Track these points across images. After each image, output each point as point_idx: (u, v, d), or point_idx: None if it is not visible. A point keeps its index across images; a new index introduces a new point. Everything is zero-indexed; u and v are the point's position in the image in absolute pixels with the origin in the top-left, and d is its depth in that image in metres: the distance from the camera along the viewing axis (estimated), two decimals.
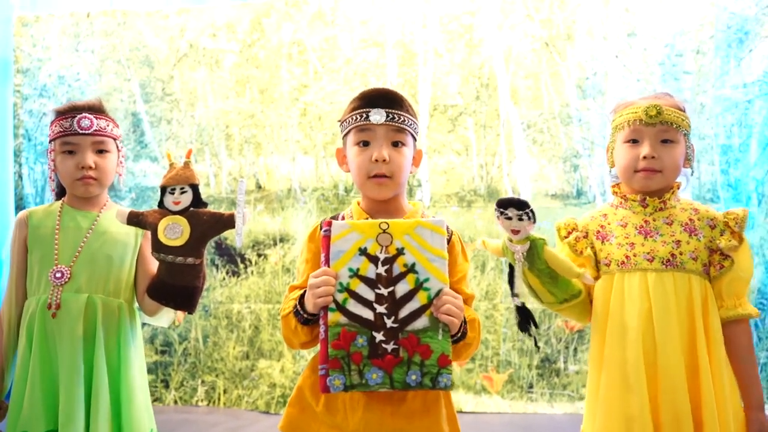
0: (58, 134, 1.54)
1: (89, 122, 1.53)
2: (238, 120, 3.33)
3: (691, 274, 1.38)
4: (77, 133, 1.52)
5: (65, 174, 1.54)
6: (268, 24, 3.30)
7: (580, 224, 1.51)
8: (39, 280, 1.52)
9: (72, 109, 1.55)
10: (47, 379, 1.46)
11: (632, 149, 1.43)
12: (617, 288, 1.41)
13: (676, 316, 1.35)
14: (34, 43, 3.40)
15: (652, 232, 1.42)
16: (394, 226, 1.20)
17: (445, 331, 1.17)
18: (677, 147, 1.43)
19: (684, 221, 1.42)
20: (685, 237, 1.40)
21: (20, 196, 3.39)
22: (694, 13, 3.07)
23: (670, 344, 1.33)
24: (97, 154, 1.54)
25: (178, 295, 1.48)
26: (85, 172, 1.52)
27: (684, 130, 1.44)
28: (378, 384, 1.14)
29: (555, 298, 1.41)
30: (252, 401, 3.22)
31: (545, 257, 1.30)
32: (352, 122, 1.34)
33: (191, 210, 1.43)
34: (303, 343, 1.27)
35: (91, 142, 1.54)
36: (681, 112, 1.45)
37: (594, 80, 3.17)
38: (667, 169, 1.42)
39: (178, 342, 3.31)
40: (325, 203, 3.28)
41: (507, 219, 1.25)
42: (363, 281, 1.18)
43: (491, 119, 3.21)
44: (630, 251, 1.41)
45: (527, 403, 3.12)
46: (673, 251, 1.39)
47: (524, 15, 3.20)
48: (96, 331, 1.49)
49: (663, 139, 1.42)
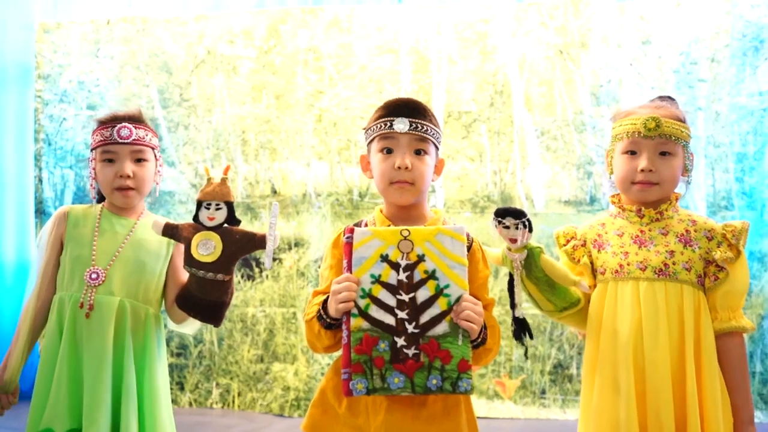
0: (99, 143, 1.57)
1: (128, 131, 1.56)
2: (254, 125, 3.37)
3: (683, 285, 1.38)
4: (116, 142, 1.55)
5: (104, 182, 1.57)
6: (284, 31, 3.35)
7: (578, 233, 1.52)
8: (72, 278, 1.54)
9: (113, 119, 1.59)
10: (73, 378, 1.49)
11: (630, 161, 1.43)
12: (611, 296, 1.41)
13: (666, 325, 1.35)
14: (55, 49, 3.47)
15: (646, 241, 1.42)
16: (415, 233, 1.23)
17: (465, 337, 1.19)
18: (675, 159, 1.42)
19: (680, 232, 1.42)
20: (680, 247, 1.40)
21: (40, 199, 3.45)
22: (710, 21, 3.09)
23: (658, 353, 1.34)
24: (135, 163, 1.57)
25: (206, 309, 1.52)
26: (123, 181, 1.55)
27: (683, 141, 1.43)
28: (400, 388, 1.17)
29: (554, 307, 1.42)
30: (266, 404, 3.25)
31: (542, 265, 1.33)
32: (377, 130, 1.37)
33: (225, 227, 1.46)
34: (326, 347, 1.30)
35: (130, 151, 1.56)
36: (680, 123, 1.43)
37: (608, 88, 3.18)
38: (665, 182, 1.42)
39: (194, 345, 3.35)
40: (340, 208, 3.31)
41: (505, 228, 1.29)
42: (385, 287, 1.20)
43: (505, 126, 3.24)
44: (624, 260, 1.42)
45: (540, 409, 3.13)
46: (666, 261, 1.39)
47: (538, 22, 3.22)
48: (125, 336, 1.51)
49: (661, 152, 1.41)
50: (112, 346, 1.50)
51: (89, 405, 1.46)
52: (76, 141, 3.45)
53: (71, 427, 1.47)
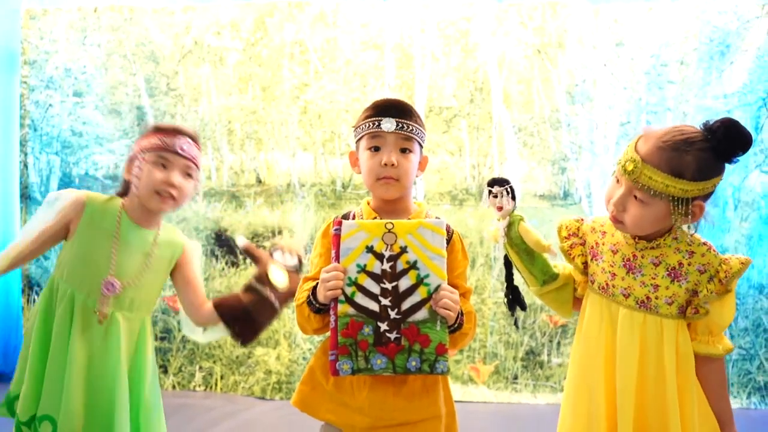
0: (157, 147, 1.61)
1: (188, 147, 1.64)
2: (240, 116, 3.44)
3: (663, 318, 1.37)
4: (177, 153, 1.61)
5: (149, 184, 1.61)
6: (271, 24, 3.41)
7: (582, 229, 1.52)
8: (84, 278, 1.59)
9: (176, 130, 1.66)
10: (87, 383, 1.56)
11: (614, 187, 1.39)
12: (594, 308, 1.46)
13: (640, 355, 1.36)
14: (41, 35, 3.48)
15: (635, 269, 1.40)
16: (398, 226, 1.33)
17: (442, 323, 1.30)
18: (650, 208, 1.33)
19: (672, 265, 1.37)
20: (666, 282, 1.37)
21: (25, 184, 3.48)
22: (680, 25, 3.22)
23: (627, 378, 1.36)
24: (183, 177, 1.64)
25: (249, 326, 1.64)
26: (170, 189, 1.61)
27: (665, 194, 1.30)
28: (382, 369, 1.28)
29: (536, 281, 1.50)
30: (248, 387, 3.35)
31: (519, 231, 1.43)
32: (365, 129, 1.46)
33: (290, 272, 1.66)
34: (315, 329, 1.40)
35: (184, 164, 1.63)
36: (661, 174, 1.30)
37: (583, 87, 3.31)
38: (633, 229, 1.38)
39: (177, 329, 3.43)
40: (323, 198, 3.41)
41: (494, 197, 1.42)
42: (369, 276, 1.31)
43: (484, 122, 3.35)
44: (611, 281, 1.43)
45: (512, 394, 3.28)
46: (649, 294, 1.38)
47: (518, 22, 3.33)
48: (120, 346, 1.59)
49: (634, 195, 1.34)
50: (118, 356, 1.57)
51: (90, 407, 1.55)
52: (62, 127, 3.48)
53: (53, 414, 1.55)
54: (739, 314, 3.20)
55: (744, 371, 3.21)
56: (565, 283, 1.52)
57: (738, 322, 3.21)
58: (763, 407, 3.18)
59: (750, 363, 3.20)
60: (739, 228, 3.20)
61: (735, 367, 3.20)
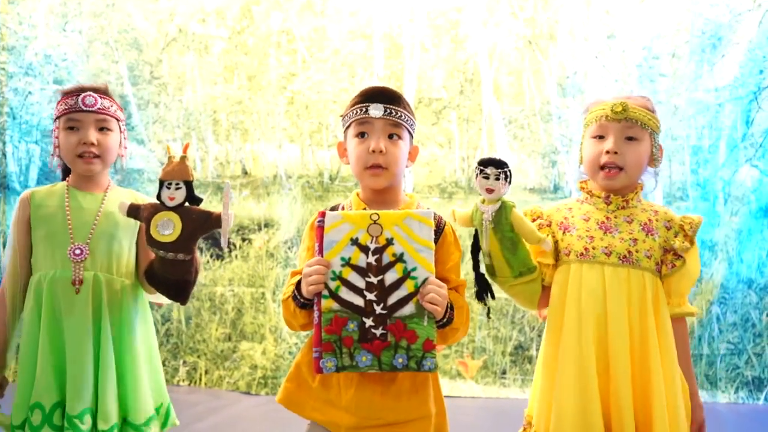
0: (63, 112, 1.57)
1: (93, 100, 1.56)
2: (226, 106, 3.37)
3: (644, 272, 1.43)
4: (81, 110, 1.55)
5: (67, 150, 1.57)
6: (257, 12, 3.34)
7: (545, 213, 1.55)
8: (45, 257, 1.55)
9: (79, 89, 1.59)
10: (57, 353, 1.51)
11: (597, 144, 1.47)
12: (574, 278, 1.45)
13: (628, 310, 1.40)
14: (20, 20, 3.39)
15: (611, 228, 1.47)
16: (384, 217, 1.28)
17: (430, 318, 1.25)
18: (641, 145, 1.46)
19: (643, 221, 1.47)
20: (642, 236, 1.45)
21: (3, 174, 3.40)
22: (671, 18, 3.20)
23: (621, 339, 1.39)
24: (99, 132, 1.57)
25: (171, 287, 1.54)
26: (86, 148, 1.55)
27: (650, 129, 1.46)
28: (367, 366, 1.23)
29: (511, 271, 1.43)
30: (233, 382, 3.30)
31: (512, 219, 1.36)
32: (353, 116, 1.41)
33: (184, 207, 1.46)
34: (302, 324, 1.35)
35: (94, 119, 1.56)
36: (648, 112, 1.47)
37: (574, 79, 3.27)
38: (629, 167, 1.45)
39: (161, 323, 3.37)
40: (310, 190, 3.35)
41: (485, 178, 1.32)
42: (354, 270, 1.25)
43: (474, 114, 3.31)
44: (589, 244, 1.46)
45: (500, 389, 3.26)
46: (630, 248, 1.44)
47: (509, 13, 3.28)
48: (102, 309, 1.53)
49: (627, 136, 1.45)
50: (92, 319, 1.52)
51: (72, 379, 1.49)
52: (42, 115, 3.40)
53: (58, 399, 1.50)
54: (728, 309, 3.20)
55: (732, 366, 3.20)
56: (539, 275, 1.50)
57: (726, 317, 3.20)
58: (751, 402, 3.17)
59: (738, 358, 3.20)
60: (729, 222, 3.19)
61: (723, 362, 3.19)
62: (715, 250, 3.21)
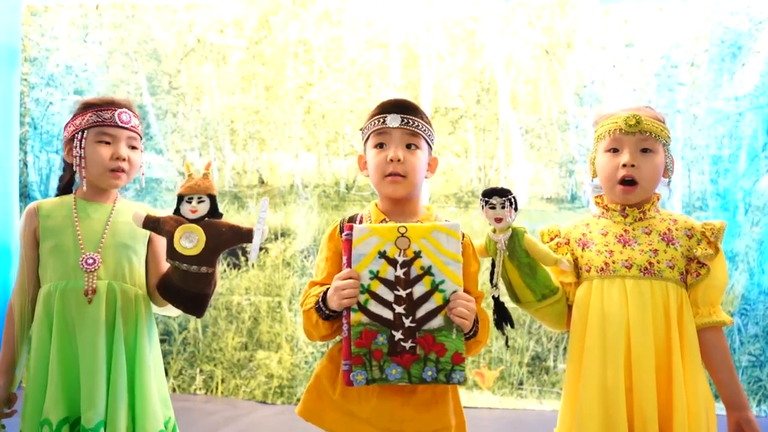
0: (95, 124, 1.56)
1: (128, 117, 1.58)
2: (243, 116, 3.39)
3: (668, 282, 1.41)
4: (116, 126, 1.56)
5: (98, 163, 1.56)
6: (275, 22, 3.36)
7: (563, 231, 1.54)
8: (55, 268, 1.54)
9: (110, 102, 1.60)
10: (67, 367, 1.50)
11: (612, 158, 1.46)
12: (596, 293, 1.43)
13: (652, 322, 1.38)
14: (42, 32, 3.43)
15: (630, 240, 1.45)
16: (411, 230, 1.28)
17: (458, 331, 1.25)
18: (656, 157, 1.45)
19: (662, 231, 1.45)
20: (663, 246, 1.43)
21: (25, 183, 3.44)
22: (690, 26, 3.18)
23: (645, 351, 1.37)
24: (130, 149, 1.59)
25: (189, 300, 1.53)
26: (119, 164, 1.56)
27: (663, 140, 1.46)
28: (397, 379, 1.23)
29: (533, 295, 1.44)
30: (249, 391, 3.30)
31: (525, 245, 1.36)
32: (371, 128, 1.43)
33: (207, 220, 1.46)
34: (323, 336, 1.35)
35: (127, 136, 1.58)
36: (660, 123, 1.46)
37: (591, 88, 3.26)
38: (645, 180, 1.44)
39: (178, 331, 3.38)
40: (326, 200, 3.36)
41: (491, 208, 1.33)
42: (383, 283, 1.25)
43: (491, 123, 3.30)
44: (609, 258, 1.44)
45: (517, 400, 3.23)
46: (651, 260, 1.42)
47: (526, 22, 3.28)
48: (115, 319, 1.53)
49: (643, 149, 1.44)
50: (105, 329, 1.51)
51: (87, 390, 1.48)
52: (63, 126, 3.42)
53: (66, 415, 1.49)
54: (749, 320, 3.16)
55: (754, 378, 3.16)
56: (563, 295, 1.50)
57: (748, 329, 3.16)
58: None
59: (760, 370, 3.15)
60: (749, 233, 3.15)
61: (745, 374, 3.15)
62: (736, 260, 3.18)
